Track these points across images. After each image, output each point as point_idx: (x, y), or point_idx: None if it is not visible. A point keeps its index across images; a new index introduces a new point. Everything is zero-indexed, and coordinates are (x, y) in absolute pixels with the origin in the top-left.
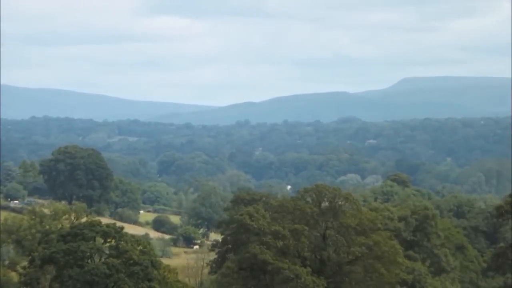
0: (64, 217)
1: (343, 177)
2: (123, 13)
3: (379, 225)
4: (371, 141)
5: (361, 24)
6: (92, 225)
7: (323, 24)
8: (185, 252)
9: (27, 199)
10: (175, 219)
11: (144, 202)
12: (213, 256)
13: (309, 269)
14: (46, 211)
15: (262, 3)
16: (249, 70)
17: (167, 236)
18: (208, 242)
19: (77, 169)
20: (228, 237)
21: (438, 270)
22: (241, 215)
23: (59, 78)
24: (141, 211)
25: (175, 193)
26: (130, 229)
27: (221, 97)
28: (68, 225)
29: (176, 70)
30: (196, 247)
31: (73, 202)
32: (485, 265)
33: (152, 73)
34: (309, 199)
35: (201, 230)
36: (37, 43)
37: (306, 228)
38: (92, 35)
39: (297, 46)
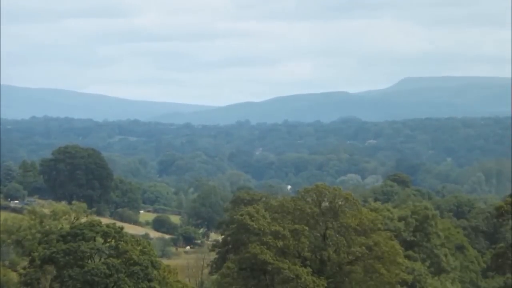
0: (64, 217)
1: (343, 177)
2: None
3: (379, 225)
4: (371, 141)
5: None
6: (92, 225)
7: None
8: (185, 252)
9: (27, 199)
10: (175, 219)
11: (144, 202)
12: (213, 256)
13: (309, 269)
14: (46, 211)
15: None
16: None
17: (167, 236)
18: (208, 242)
19: (77, 169)
20: (228, 237)
21: (438, 270)
22: (241, 215)
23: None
24: (141, 211)
25: (175, 193)
26: (130, 229)
27: (221, 97)
28: (68, 225)
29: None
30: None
31: (73, 202)
32: (485, 265)
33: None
34: (309, 199)
35: (201, 230)
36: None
37: (306, 228)
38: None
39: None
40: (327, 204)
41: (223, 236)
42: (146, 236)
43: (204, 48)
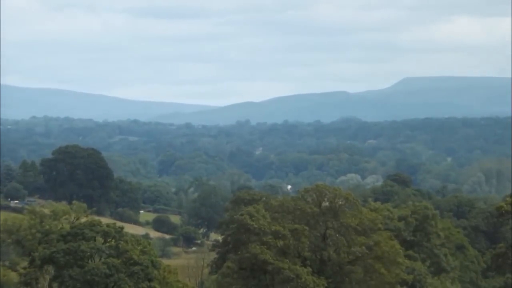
0: (64, 217)
1: (343, 177)
2: None
3: (380, 225)
4: (371, 141)
5: None
6: (92, 225)
7: None
8: (185, 252)
9: (27, 199)
10: (175, 219)
11: (144, 202)
12: (213, 256)
13: (309, 269)
14: (46, 211)
15: None
16: None
17: (167, 236)
18: (209, 242)
19: (77, 169)
20: (229, 237)
21: (438, 270)
22: (242, 215)
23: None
24: (141, 211)
25: (175, 193)
26: (130, 229)
27: (221, 97)
28: (68, 225)
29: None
30: (194, 248)
31: (73, 202)
32: (485, 265)
33: None
34: (309, 199)
35: (201, 230)
36: None
37: (307, 228)
38: None
39: None
40: (327, 204)
41: (223, 236)
42: (146, 236)
43: None
